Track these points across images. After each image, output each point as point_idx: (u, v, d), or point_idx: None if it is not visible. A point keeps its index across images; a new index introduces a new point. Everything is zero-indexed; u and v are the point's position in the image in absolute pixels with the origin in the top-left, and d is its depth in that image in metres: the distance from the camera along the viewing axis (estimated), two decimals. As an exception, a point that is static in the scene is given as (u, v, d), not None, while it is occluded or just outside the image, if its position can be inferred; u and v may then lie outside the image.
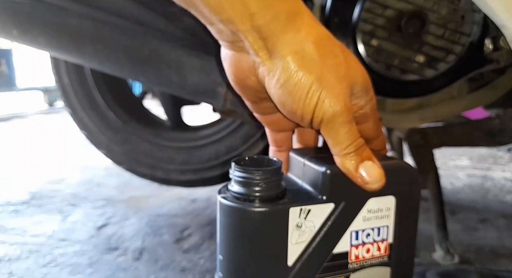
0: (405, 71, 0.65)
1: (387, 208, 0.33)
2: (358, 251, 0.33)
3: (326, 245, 0.32)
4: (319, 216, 0.31)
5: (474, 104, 0.70)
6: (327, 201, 0.31)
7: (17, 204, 1.12)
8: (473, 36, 0.63)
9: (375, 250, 0.33)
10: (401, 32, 0.63)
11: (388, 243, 0.34)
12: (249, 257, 0.30)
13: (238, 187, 0.30)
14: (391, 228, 0.34)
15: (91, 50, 0.64)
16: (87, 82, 1.01)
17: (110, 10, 0.59)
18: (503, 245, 0.81)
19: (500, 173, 1.39)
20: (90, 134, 1.05)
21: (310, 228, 0.31)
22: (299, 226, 0.30)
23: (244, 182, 0.30)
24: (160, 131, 1.08)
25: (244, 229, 0.30)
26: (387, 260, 0.34)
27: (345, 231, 0.32)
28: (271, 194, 0.30)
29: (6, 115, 3.34)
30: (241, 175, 0.30)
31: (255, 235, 0.30)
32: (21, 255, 0.80)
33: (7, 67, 3.83)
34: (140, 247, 0.84)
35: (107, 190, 1.27)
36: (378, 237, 0.33)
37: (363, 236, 0.33)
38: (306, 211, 0.30)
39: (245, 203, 0.30)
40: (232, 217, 0.30)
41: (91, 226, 0.96)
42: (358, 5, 0.64)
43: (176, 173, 1.06)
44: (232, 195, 0.31)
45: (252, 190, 0.30)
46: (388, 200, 0.33)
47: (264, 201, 0.30)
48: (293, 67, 0.29)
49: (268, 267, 0.30)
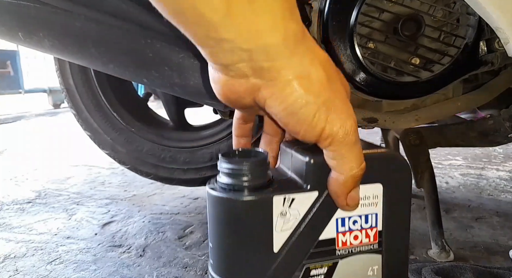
0: (401, 73, 0.66)
1: (375, 196, 0.33)
2: (346, 237, 0.33)
3: (311, 232, 0.32)
4: (304, 204, 0.31)
5: (469, 105, 0.71)
6: (311, 189, 0.31)
7: (22, 202, 1.14)
8: (468, 39, 0.64)
9: (363, 237, 0.34)
10: (397, 35, 0.64)
11: (377, 230, 0.34)
12: (236, 245, 0.31)
13: (225, 177, 0.31)
14: (380, 215, 0.34)
15: (95, 52, 0.65)
16: (91, 83, 1.03)
17: (113, 13, 0.61)
18: (497, 242, 0.82)
19: (495, 172, 1.40)
20: (94, 134, 1.07)
21: (294, 216, 0.31)
22: (284, 214, 0.31)
23: (230, 173, 0.31)
24: (163, 131, 1.10)
25: (230, 218, 0.31)
26: (378, 247, 0.34)
27: (331, 218, 0.32)
28: (256, 183, 0.31)
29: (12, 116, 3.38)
30: (227, 166, 0.31)
31: (240, 223, 0.31)
32: (27, 252, 0.82)
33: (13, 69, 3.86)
34: (144, 244, 0.86)
35: (111, 188, 1.29)
36: (366, 224, 0.34)
37: (349, 223, 0.33)
38: (290, 199, 0.31)
39: (230, 192, 0.30)
40: (218, 207, 0.31)
41: (95, 224, 0.98)
42: (356, 8, 0.65)
43: (178, 172, 1.08)
44: (220, 186, 0.32)
45: (238, 180, 0.30)
46: (376, 188, 0.33)
47: (250, 190, 0.30)
48: (299, 92, 0.28)
49: (255, 254, 0.31)
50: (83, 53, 0.66)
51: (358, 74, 0.69)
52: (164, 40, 0.61)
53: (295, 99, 0.29)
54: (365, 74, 0.69)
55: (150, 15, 0.60)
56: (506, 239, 0.84)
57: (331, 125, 0.29)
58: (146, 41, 0.62)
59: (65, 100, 1.08)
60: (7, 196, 1.21)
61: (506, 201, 1.09)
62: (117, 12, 0.60)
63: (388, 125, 0.73)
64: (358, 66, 0.68)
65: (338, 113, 0.29)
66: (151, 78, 0.66)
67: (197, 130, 1.13)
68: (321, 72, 0.29)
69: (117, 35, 0.62)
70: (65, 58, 0.78)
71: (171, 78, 0.65)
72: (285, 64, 0.28)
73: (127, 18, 0.60)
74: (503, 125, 0.71)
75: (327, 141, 0.30)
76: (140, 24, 0.61)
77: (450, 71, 0.66)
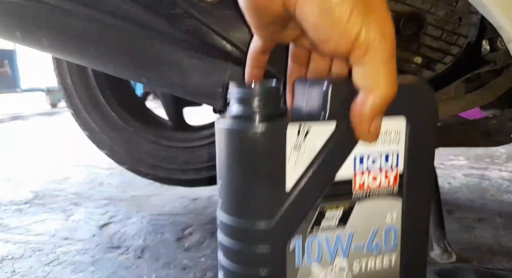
0: (403, 73, 0.65)
1: (397, 131, 0.30)
2: (363, 178, 0.30)
3: (328, 169, 0.29)
4: (320, 137, 0.28)
5: (471, 105, 0.70)
6: (329, 118, 0.28)
7: (20, 203, 1.13)
8: (470, 38, 0.64)
9: (383, 178, 0.30)
10: (399, 34, 0.64)
11: (398, 171, 0.31)
12: (246, 181, 0.29)
13: (236, 106, 0.29)
14: (401, 154, 0.30)
15: (94, 52, 0.65)
16: (90, 83, 1.02)
17: (113, 12, 0.60)
18: (500, 243, 0.82)
19: (498, 173, 1.40)
20: (93, 134, 1.06)
21: (310, 150, 0.28)
22: (298, 147, 0.28)
23: (240, 100, 0.28)
24: (161, 131, 1.10)
25: (239, 151, 0.28)
26: (398, 191, 0.31)
27: (348, 155, 0.29)
28: (269, 112, 0.28)
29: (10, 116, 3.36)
30: (237, 92, 0.28)
31: (250, 156, 0.28)
32: (24, 253, 0.81)
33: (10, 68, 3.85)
34: (142, 246, 0.85)
35: (110, 189, 1.28)
36: (387, 164, 0.30)
37: (368, 162, 0.30)
38: (305, 129, 0.28)
39: (240, 123, 0.28)
40: (227, 140, 0.28)
41: (93, 225, 0.97)
42: (357, 7, 0.65)
43: (177, 173, 1.07)
44: (229, 116, 0.29)
45: (249, 108, 0.28)
46: (398, 122, 0.30)
47: (261, 119, 0.27)
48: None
49: (265, 192, 0.29)
50: (83, 53, 0.65)
51: (359, 73, 0.69)
52: (164, 39, 0.61)
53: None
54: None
55: (150, 14, 0.59)
56: (509, 240, 0.84)
57: (367, 29, 0.25)
58: (145, 40, 0.61)
59: (63, 100, 1.07)
60: (4, 197, 1.20)
61: (509, 202, 1.08)
62: (117, 11, 0.60)
63: (390, 125, 0.72)
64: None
65: (375, 14, 0.26)
66: (151, 78, 0.66)
67: (196, 130, 1.12)
68: None
69: (116, 35, 0.62)
70: (64, 57, 0.77)
71: (170, 78, 0.64)
72: None
73: (126, 18, 0.60)
74: (506, 125, 0.71)
75: (361, 50, 0.26)
76: (139, 23, 0.60)
77: (452, 70, 0.65)
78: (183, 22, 0.59)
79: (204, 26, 0.59)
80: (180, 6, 0.58)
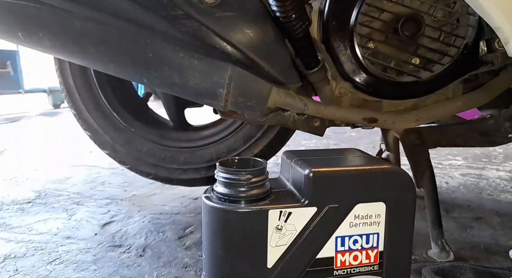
0: (401, 73, 0.66)
1: (377, 215, 0.32)
2: (345, 257, 0.32)
3: (308, 250, 0.31)
4: (301, 220, 0.30)
5: (469, 105, 0.71)
6: (309, 205, 0.30)
7: (22, 202, 1.14)
8: (468, 39, 0.64)
9: (364, 257, 0.32)
10: (398, 35, 0.64)
11: (378, 251, 0.33)
12: (229, 257, 0.30)
13: (222, 187, 0.31)
14: (382, 235, 0.32)
15: (95, 52, 0.65)
16: (91, 83, 1.03)
17: (113, 13, 0.61)
18: (497, 242, 0.82)
19: (495, 172, 1.40)
20: (94, 135, 1.07)
21: (291, 231, 0.30)
22: (279, 228, 0.30)
23: (227, 183, 0.30)
24: (163, 131, 1.10)
25: (224, 229, 0.30)
26: (378, 269, 0.33)
27: (330, 237, 0.31)
28: (253, 195, 0.30)
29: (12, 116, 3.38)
30: (224, 176, 0.31)
31: (234, 235, 0.30)
32: (27, 252, 0.82)
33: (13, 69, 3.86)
34: (143, 244, 0.86)
35: (111, 188, 1.29)
36: (367, 245, 0.32)
37: (350, 243, 0.32)
38: (286, 213, 0.30)
39: (226, 203, 0.30)
40: (213, 217, 0.31)
41: (95, 224, 0.98)
42: (356, 8, 0.65)
43: (178, 172, 1.08)
44: (216, 195, 0.31)
45: (235, 190, 0.30)
46: (378, 206, 0.32)
47: (246, 202, 0.30)
48: None
49: (248, 268, 0.30)
50: (83, 53, 0.66)
51: (358, 74, 0.69)
52: (164, 40, 0.61)
53: None
54: (365, 74, 0.69)
55: (150, 15, 0.60)
56: (506, 239, 0.84)
57: None
58: (146, 41, 0.62)
59: (65, 100, 1.08)
60: (7, 196, 1.21)
61: (506, 201, 1.09)
62: (117, 12, 0.60)
63: (388, 125, 0.73)
64: (358, 66, 0.68)
65: None
66: (151, 78, 0.66)
67: (197, 130, 1.13)
68: None
69: (117, 35, 0.62)
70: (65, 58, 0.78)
71: (170, 78, 0.65)
72: None
73: (127, 18, 0.60)
74: (503, 126, 0.71)
75: None
76: (140, 24, 0.61)
77: (450, 71, 0.66)
78: (183, 23, 0.60)
79: (204, 27, 0.60)
80: (181, 7, 0.59)
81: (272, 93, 0.66)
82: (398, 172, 0.33)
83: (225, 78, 0.63)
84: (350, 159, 0.36)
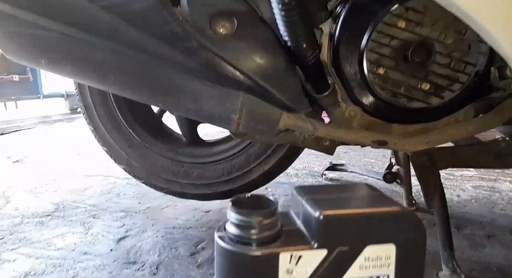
0: (411, 99, 0.67)
1: (387, 257, 0.32)
2: None
3: None
4: (311, 263, 0.30)
5: (480, 129, 0.71)
6: (320, 247, 0.31)
7: (42, 215, 1.18)
8: (479, 66, 0.64)
9: None
10: (408, 61, 0.65)
11: None
12: None
13: (233, 228, 0.32)
14: (392, 277, 0.32)
15: (114, 79, 0.68)
16: (109, 102, 1.07)
17: (131, 44, 0.63)
18: (510, 263, 0.82)
19: (508, 185, 1.38)
20: (111, 150, 1.11)
21: (301, 274, 0.30)
22: (290, 271, 0.30)
23: (239, 224, 0.31)
24: (176, 147, 1.13)
25: (236, 270, 0.31)
26: None
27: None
28: (265, 237, 0.31)
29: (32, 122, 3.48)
30: (236, 217, 0.31)
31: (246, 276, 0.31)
32: (46, 269, 0.85)
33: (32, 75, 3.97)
34: (157, 262, 0.88)
35: (126, 200, 1.32)
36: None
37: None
38: (297, 256, 0.30)
39: (238, 245, 0.31)
40: (225, 258, 0.31)
41: (111, 239, 1.00)
42: (366, 34, 0.66)
43: (191, 187, 1.10)
44: (228, 235, 0.32)
45: (246, 232, 0.31)
46: (388, 248, 0.32)
47: (257, 244, 0.30)
48: None
49: None
50: (102, 80, 0.69)
51: (367, 98, 0.70)
52: (179, 69, 0.63)
53: None
54: (375, 99, 0.70)
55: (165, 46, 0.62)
56: (519, 260, 0.83)
57: None
58: (162, 70, 0.64)
59: (84, 117, 1.12)
60: (27, 208, 1.25)
61: (520, 218, 1.07)
62: (135, 43, 0.63)
63: (398, 147, 0.73)
64: (367, 91, 0.69)
65: None
66: (167, 104, 0.69)
67: (209, 146, 1.15)
68: None
69: (134, 64, 0.65)
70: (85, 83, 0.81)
71: (186, 104, 0.67)
72: None
73: (144, 49, 0.63)
74: (515, 149, 0.71)
75: None
76: (156, 54, 0.63)
77: (460, 97, 0.66)
78: (197, 54, 0.62)
79: (217, 57, 0.62)
80: (196, 38, 0.61)
81: (283, 117, 0.67)
82: (407, 213, 0.33)
83: (237, 105, 0.65)
84: (360, 198, 0.37)
